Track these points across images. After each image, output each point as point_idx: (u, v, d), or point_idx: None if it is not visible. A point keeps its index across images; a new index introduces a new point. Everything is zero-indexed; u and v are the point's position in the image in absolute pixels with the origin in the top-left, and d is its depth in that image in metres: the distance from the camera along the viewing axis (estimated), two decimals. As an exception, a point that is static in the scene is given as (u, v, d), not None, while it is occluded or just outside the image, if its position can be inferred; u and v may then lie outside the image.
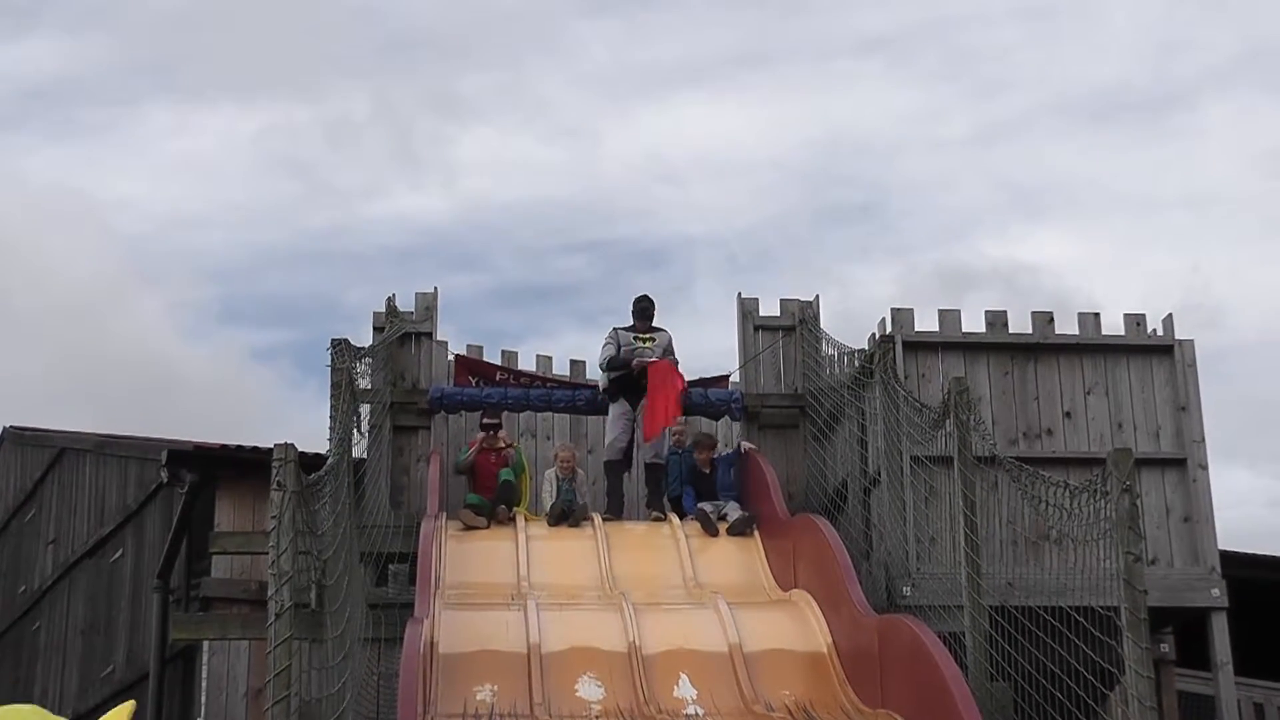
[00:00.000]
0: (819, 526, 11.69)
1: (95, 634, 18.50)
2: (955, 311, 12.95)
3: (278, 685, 7.54)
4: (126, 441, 18.79)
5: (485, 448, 13.82)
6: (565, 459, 13.90)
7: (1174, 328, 12.96)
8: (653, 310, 14.42)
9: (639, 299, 14.46)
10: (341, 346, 11.96)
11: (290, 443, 8.10)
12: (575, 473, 13.90)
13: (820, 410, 13.91)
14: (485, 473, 13.70)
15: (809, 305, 14.75)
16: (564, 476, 13.76)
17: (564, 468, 13.81)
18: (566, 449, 14.16)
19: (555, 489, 13.74)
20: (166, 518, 16.06)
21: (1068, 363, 12.89)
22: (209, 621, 12.72)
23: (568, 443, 14.74)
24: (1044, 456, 12.15)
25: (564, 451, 14.07)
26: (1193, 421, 12.70)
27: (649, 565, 12.52)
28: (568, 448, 14.23)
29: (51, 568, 20.54)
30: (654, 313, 14.43)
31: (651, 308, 14.40)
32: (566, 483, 13.74)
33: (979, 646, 9.43)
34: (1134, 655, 7.57)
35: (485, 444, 13.82)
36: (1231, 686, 12.30)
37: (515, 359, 15.20)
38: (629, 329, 14.29)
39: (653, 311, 14.42)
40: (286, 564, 7.83)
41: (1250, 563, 16.28)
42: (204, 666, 14.63)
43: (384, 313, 14.47)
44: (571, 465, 13.88)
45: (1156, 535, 12.32)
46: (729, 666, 10.44)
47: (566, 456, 13.94)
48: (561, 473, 13.79)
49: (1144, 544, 11.05)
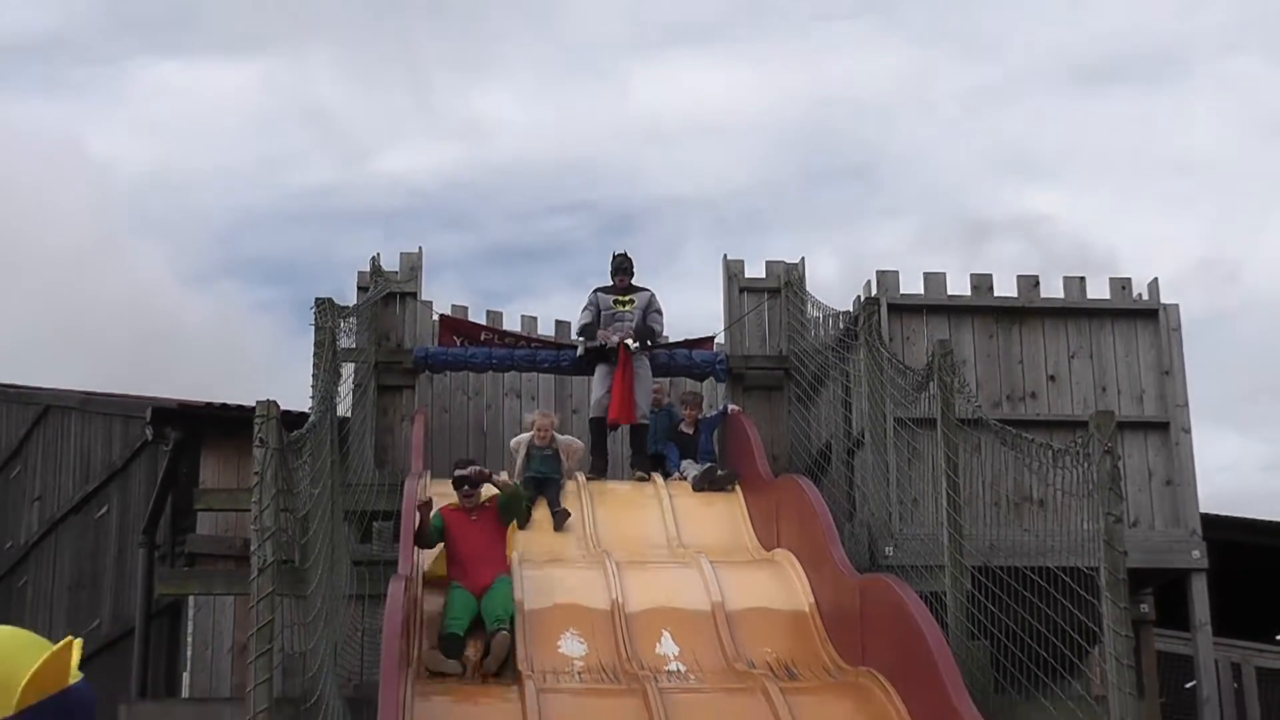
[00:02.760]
0: (802, 487, 11.73)
1: (81, 590, 18.53)
2: (940, 274, 12.96)
3: (260, 640, 7.57)
4: (111, 399, 18.79)
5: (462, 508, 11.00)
6: (543, 427, 12.86)
7: (1159, 292, 12.99)
8: (630, 266, 14.31)
9: (615, 256, 14.37)
10: (325, 306, 11.95)
11: (273, 400, 8.10)
12: (554, 439, 12.91)
13: (805, 372, 13.93)
14: (465, 543, 10.77)
15: (794, 267, 14.76)
16: (541, 444, 12.78)
17: (541, 436, 12.79)
18: (545, 416, 13.17)
19: (527, 460, 12.76)
20: (152, 475, 16.08)
21: (1052, 326, 12.91)
22: (194, 577, 12.76)
23: (547, 410, 13.86)
24: (1028, 419, 12.18)
25: (542, 419, 13.02)
26: (1176, 385, 12.74)
27: (633, 524, 12.57)
28: (546, 414, 13.27)
29: (37, 524, 20.56)
30: (632, 269, 14.33)
31: (629, 264, 14.31)
32: (543, 452, 12.77)
33: (960, 606, 9.48)
34: (1113, 615, 7.61)
35: (463, 502, 11.01)
36: (1210, 647, 12.38)
37: (500, 319, 15.20)
38: (609, 289, 14.25)
39: (630, 267, 14.30)
40: (269, 520, 7.84)
41: (1231, 525, 16.36)
42: (189, 622, 14.67)
43: (369, 272, 14.47)
44: (549, 433, 12.87)
45: (1138, 498, 12.38)
46: (711, 624, 10.50)
47: (545, 424, 12.90)
48: (539, 440, 12.80)
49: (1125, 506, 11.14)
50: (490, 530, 10.83)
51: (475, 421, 15.23)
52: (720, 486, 13.05)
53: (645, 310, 14.11)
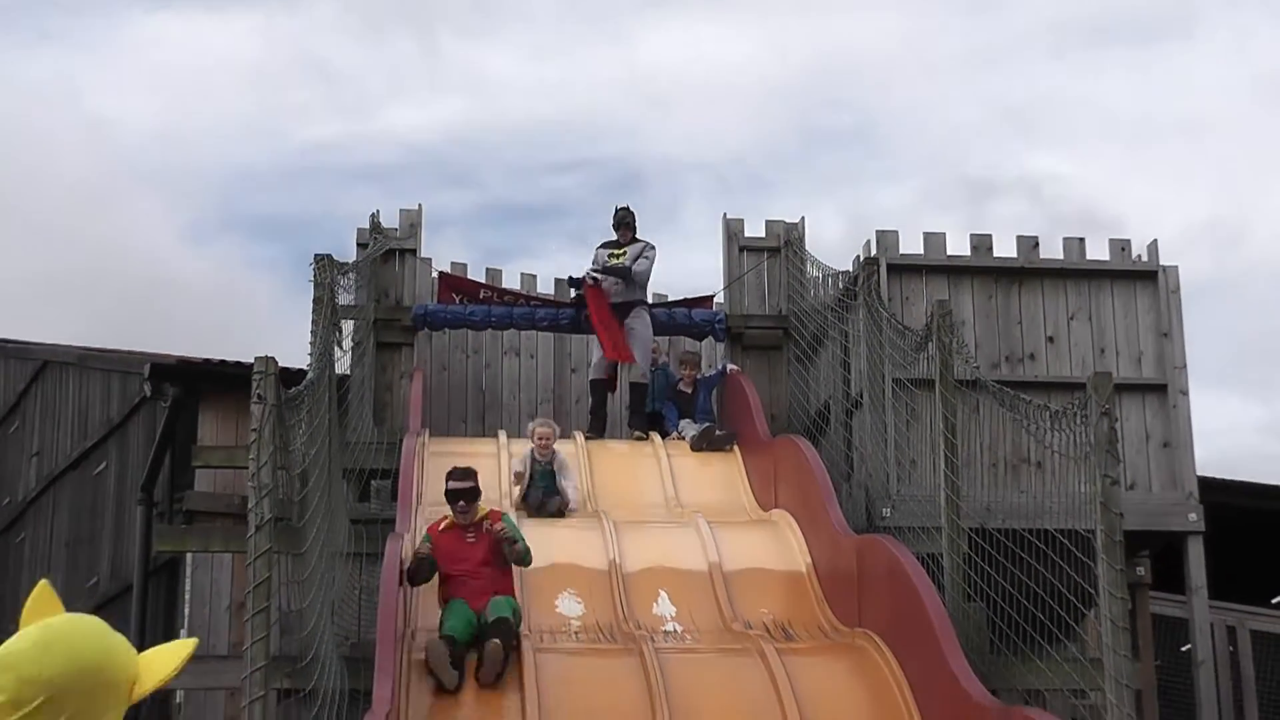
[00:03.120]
0: (800, 447, 11.73)
1: (79, 546, 18.55)
2: (940, 234, 12.94)
3: (257, 597, 7.58)
4: (109, 354, 18.77)
5: (456, 525, 9.85)
6: (543, 435, 11.75)
7: (1159, 253, 12.96)
8: (631, 220, 14.18)
9: (617, 210, 14.28)
10: (324, 262, 11.93)
11: (271, 356, 8.10)
12: (555, 453, 11.84)
13: (804, 332, 13.92)
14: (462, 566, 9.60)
15: (794, 227, 14.74)
16: (543, 458, 11.74)
17: (542, 447, 11.72)
18: (545, 425, 12.02)
19: (529, 471, 11.75)
20: (150, 431, 16.07)
21: (1052, 287, 12.89)
22: (192, 534, 12.76)
23: (547, 419, 12.60)
24: (1026, 381, 12.17)
25: (542, 428, 11.87)
26: (1175, 347, 12.73)
27: (630, 484, 12.58)
28: (546, 424, 12.09)
29: (35, 480, 20.57)
30: (634, 223, 14.21)
31: (630, 218, 14.19)
32: (545, 465, 11.77)
33: (956, 568, 9.49)
34: (1108, 577, 7.62)
35: (459, 518, 9.86)
36: (1205, 610, 12.42)
37: (499, 277, 15.18)
38: (608, 244, 14.20)
39: (631, 221, 14.18)
40: (267, 477, 7.85)
41: (1228, 488, 16.37)
42: (187, 579, 14.69)
43: (368, 229, 14.45)
44: (550, 443, 11.79)
45: (1136, 460, 12.38)
46: (708, 585, 10.52)
47: (545, 434, 11.79)
48: (540, 454, 11.74)
49: (1122, 468, 11.14)
50: (491, 552, 9.66)
51: (474, 379, 15.22)
52: (718, 446, 13.05)
53: (635, 257, 14.04)
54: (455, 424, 14.79)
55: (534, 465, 11.67)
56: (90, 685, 2.69)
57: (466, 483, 9.91)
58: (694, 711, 8.59)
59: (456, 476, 9.99)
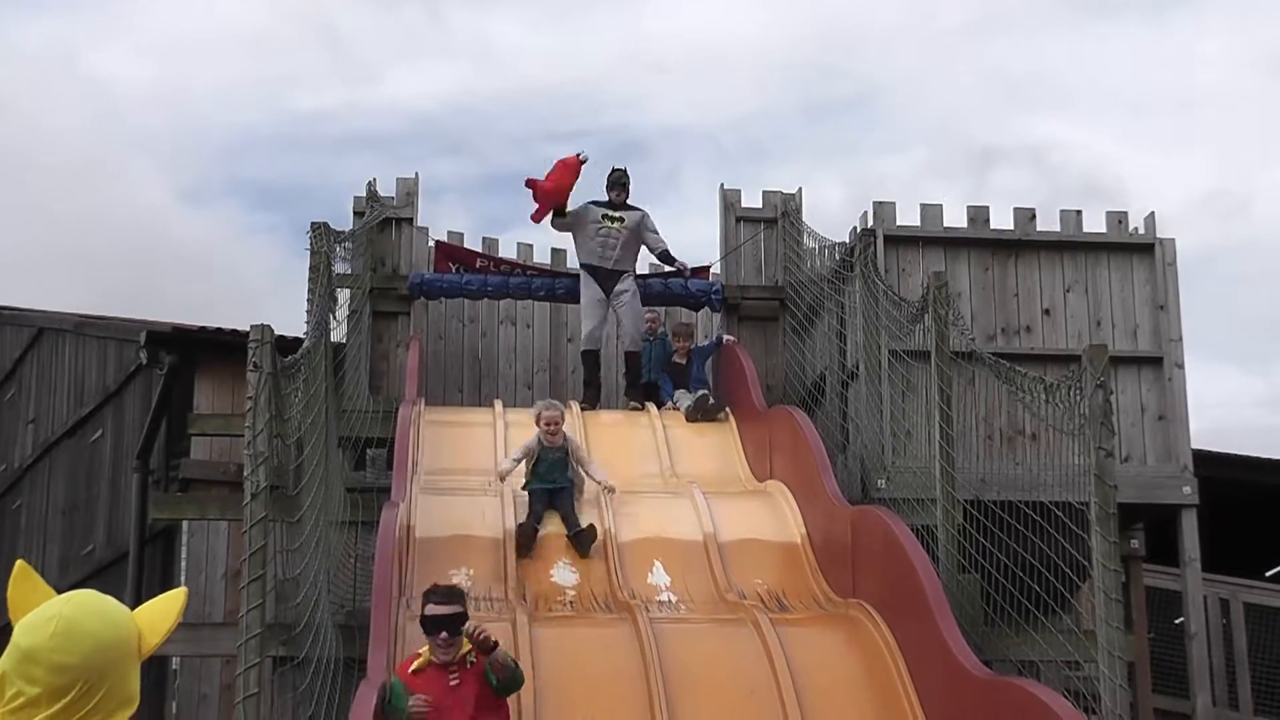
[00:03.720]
0: (795, 418, 11.74)
1: (75, 513, 18.58)
2: (937, 206, 12.92)
3: (253, 565, 7.59)
4: (106, 322, 18.77)
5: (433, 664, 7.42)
6: (551, 421, 10.57)
7: (1155, 226, 12.95)
8: (627, 180, 14.04)
9: (614, 170, 14.08)
10: (321, 230, 11.92)
11: (267, 324, 8.10)
12: (566, 438, 10.71)
13: (800, 303, 13.92)
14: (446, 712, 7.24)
15: (791, 198, 14.73)
16: (550, 445, 10.59)
17: (549, 433, 10.57)
18: (553, 408, 10.78)
19: (532, 464, 10.57)
20: (146, 399, 16.08)
21: (1048, 260, 12.89)
22: (188, 502, 12.77)
23: (553, 400, 11.45)
24: (1022, 353, 12.18)
25: (549, 411, 10.64)
26: (1171, 320, 12.73)
27: (626, 454, 12.58)
28: (554, 406, 10.91)
29: (31, 447, 20.59)
30: (628, 184, 14.06)
31: (626, 178, 14.04)
32: (551, 454, 10.61)
33: (951, 539, 9.51)
34: (1102, 549, 7.63)
35: (439, 654, 7.41)
36: (1199, 582, 12.44)
37: (496, 246, 15.17)
38: (602, 204, 14.11)
39: (627, 182, 14.04)
40: (262, 445, 7.86)
41: (1222, 461, 16.40)
42: (183, 547, 14.71)
43: (365, 197, 14.43)
44: (559, 428, 10.61)
45: (1131, 433, 12.39)
46: (703, 555, 10.53)
47: (552, 417, 10.57)
48: (547, 439, 10.57)
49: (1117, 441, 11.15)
50: (480, 697, 7.33)
51: (470, 348, 15.22)
52: (712, 416, 13.06)
53: (638, 229, 13.94)
54: (451, 393, 14.81)
55: (540, 455, 10.52)
56: (116, 658, 2.80)
57: (452, 606, 7.44)
58: (688, 681, 8.61)
59: (439, 598, 7.48)
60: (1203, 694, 12.37)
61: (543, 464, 10.57)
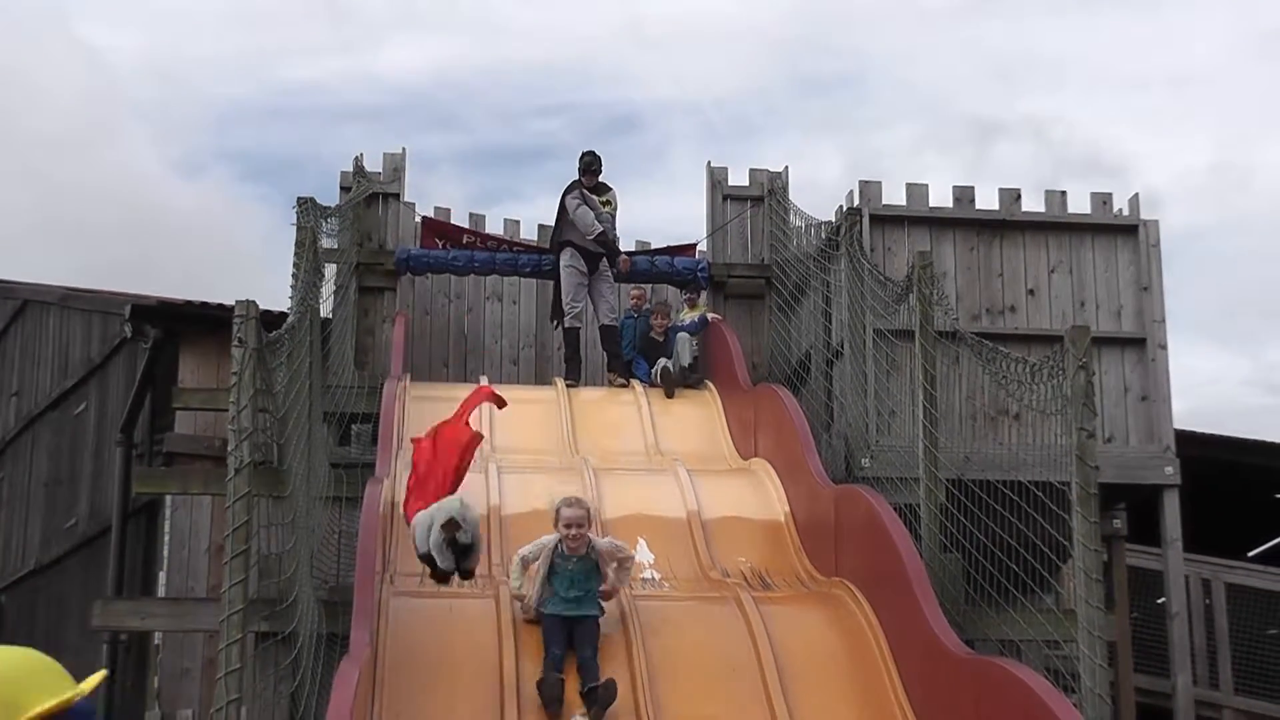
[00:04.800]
0: (780, 396, 11.76)
1: (58, 486, 18.55)
2: (923, 186, 12.94)
3: (236, 540, 7.59)
4: (91, 295, 18.73)
5: None
6: (574, 521, 8.27)
7: (1139, 207, 12.98)
8: (601, 166, 14.10)
9: (587, 155, 14.08)
10: (307, 205, 11.89)
11: (252, 299, 8.08)
12: (590, 543, 8.38)
13: (786, 281, 13.93)
14: None
15: (778, 176, 14.74)
16: (571, 553, 8.33)
17: (573, 538, 8.28)
18: (576, 505, 8.41)
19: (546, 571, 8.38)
20: (130, 372, 16.06)
21: (1033, 240, 12.92)
22: (171, 476, 12.76)
23: (576, 496, 8.77)
24: (1006, 333, 12.23)
25: (570, 509, 8.32)
26: (1154, 301, 12.77)
27: (611, 431, 12.60)
28: (578, 503, 8.48)
29: (14, 420, 20.55)
30: (601, 168, 14.12)
31: (598, 163, 14.08)
32: (570, 564, 8.38)
33: (933, 518, 9.54)
34: (1083, 530, 7.65)
35: None
36: (1180, 562, 12.50)
37: (483, 222, 15.17)
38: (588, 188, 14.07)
39: (600, 168, 14.11)
40: (247, 420, 7.84)
41: (1205, 442, 16.45)
42: (167, 521, 14.70)
43: (351, 172, 14.41)
44: (584, 533, 8.31)
45: (1114, 413, 12.43)
46: (687, 532, 10.55)
47: (576, 518, 8.28)
48: (568, 546, 8.32)
49: (1100, 421, 11.18)
50: None
51: (456, 324, 15.23)
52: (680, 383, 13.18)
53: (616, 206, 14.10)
54: (437, 369, 14.81)
55: (557, 566, 8.37)
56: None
57: None
58: (670, 659, 8.63)
59: None
60: (1183, 674, 12.43)
61: (562, 578, 8.35)
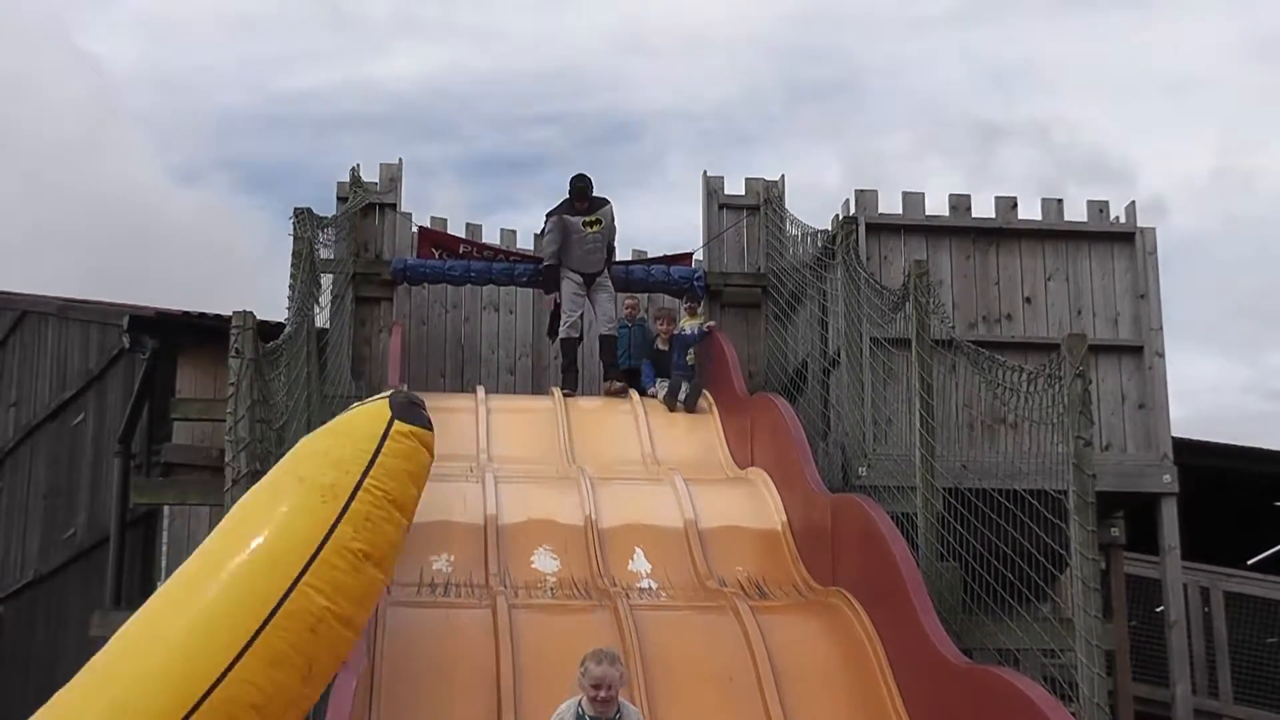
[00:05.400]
0: (777, 405, 11.76)
1: (56, 497, 18.54)
2: (919, 194, 12.95)
3: (233, 551, 7.57)
4: (89, 305, 18.73)
5: None
6: (600, 681, 6.99)
7: (1136, 215, 12.99)
8: (591, 189, 14.03)
9: (576, 179, 14.03)
10: (304, 215, 11.91)
11: (249, 310, 8.10)
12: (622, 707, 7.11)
13: (782, 290, 13.94)
14: None
15: (774, 185, 14.76)
16: (598, 715, 7.01)
17: (600, 700, 6.99)
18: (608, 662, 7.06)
19: None
20: (128, 383, 16.06)
21: (1029, 248, 12.93)
22: (169, 486, 12.77)
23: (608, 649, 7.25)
24: (1003, 341, 12.22)
25: (599, 667, 7.02)
26: (1151, 309, 12.78)
27: (608, 440, 12.60)
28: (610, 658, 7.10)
29: (13, 430, 20.54)
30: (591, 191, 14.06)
31: (589, 187, 14.02)
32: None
33: (930, 527, 9.54)
34: (1080, 538, 7.66)
35: None
36: (1178, 570, 12.48)
37: (479, 232, 15.17)
38: (573, 212, 14.06)
39: (591, 191, 14.03)
40: (244, 431, 7.86)
41: (1203, 450, 16.44)
42: (164, 531, 14.69)
43: (348, 183, 14.43)
44: (613, 695, 7.01)
45: (1111, 421, 12.43)
46: (683, 542, 10.55)
47: (605, 678, 7.00)
48: (595, 709, 7.00)
49: (1097, 430, 11.19)
50: None
51: (453, 334, 15.23)
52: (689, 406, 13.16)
53: (610, 225, 14.07)
54: (434, 378, 14.81)
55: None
56: None
57: None
58: (667, 668, 8.63)
59: None
60: (1182, 682, 12.42)
61: None
